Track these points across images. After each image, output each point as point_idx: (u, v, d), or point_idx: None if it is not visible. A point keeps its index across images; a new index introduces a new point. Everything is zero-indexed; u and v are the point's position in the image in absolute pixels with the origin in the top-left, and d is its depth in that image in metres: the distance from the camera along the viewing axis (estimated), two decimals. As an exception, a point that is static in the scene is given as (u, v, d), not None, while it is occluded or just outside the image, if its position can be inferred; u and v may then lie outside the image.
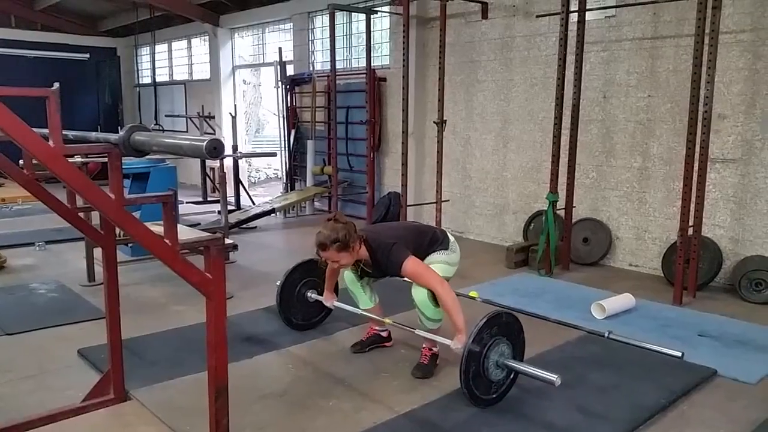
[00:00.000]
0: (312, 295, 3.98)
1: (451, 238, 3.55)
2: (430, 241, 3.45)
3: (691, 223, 4.75)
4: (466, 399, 2.94)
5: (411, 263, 3.22)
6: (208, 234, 2.21)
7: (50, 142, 1.86)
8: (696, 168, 4.68)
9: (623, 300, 4.54)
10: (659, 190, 5.60)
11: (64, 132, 1.97)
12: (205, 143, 1.67)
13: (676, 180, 5.27)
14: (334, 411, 3.00)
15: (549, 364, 3.54)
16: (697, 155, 4.65)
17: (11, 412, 2.89)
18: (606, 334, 3.93)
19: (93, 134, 2.21)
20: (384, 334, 3.76)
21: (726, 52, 4.98)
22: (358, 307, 3.68)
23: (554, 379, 2.83)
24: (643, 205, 5.73)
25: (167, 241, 2.05)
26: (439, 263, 3.38)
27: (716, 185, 5.19)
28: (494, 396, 3.03)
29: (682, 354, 3.61)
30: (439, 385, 3.27)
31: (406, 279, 3.35)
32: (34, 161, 2.65)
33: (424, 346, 3.46)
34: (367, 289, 3.62)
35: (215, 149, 1.68)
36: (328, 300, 3.88)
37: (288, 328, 4.16)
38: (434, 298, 3.23)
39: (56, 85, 1.88)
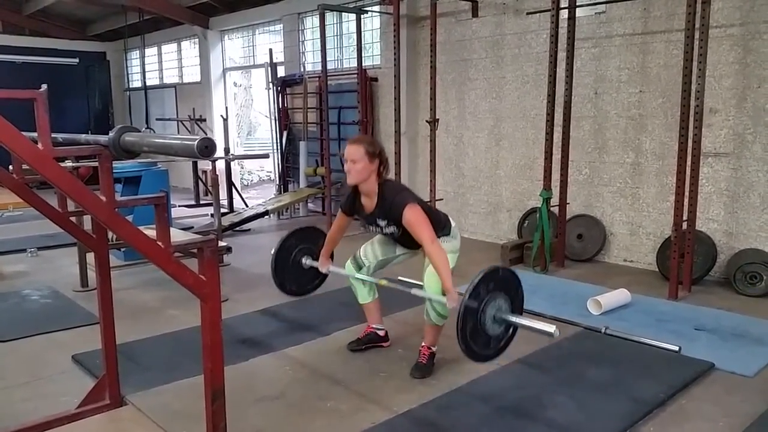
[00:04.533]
0: (307, 261, 3.82)
1: (453, 223, 3.51)
2: (436, 219, 3.39)
3: (685, 218, 4.76)
4: (465, 354, 2.86)
5: (415, 209, 3.16)
6: (201, 236, 2.18)
7: (39, 145, 1.83)
8: (689, 162, 4.69)
9: (619, 295, 4.54)
10: (652, 186, 5.61)
11: (54, 135, 1.95)
12: (196, 143, 1.65)
13: (669, 175, 5.28)
14: (332, 412, 2.98)
15: (546, 360, 3.56)
16: (689, 150, 4.66)
17: (5, 420, 2.86)
18: (603, 330, 3.96)
19: (83, 136, 2.19)
20: (381, 333, 3.74)
21: (716, 47, 4.99)
22: (357, 301, 3.67)
23: (552, 330, 2.78)
24: (637, 200, 5.73)
25: (160, 243, 2.02)
26: (454, 254, 3.38)
27: (709, 179, 5.20)
28: (493, 351, 2.96)
29: (680, 348, 3.64)
30: (437, 385, 3.26)
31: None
32: (24, 166, 2.63)
33: (423, 344, 3.43)
34: (367, 283, 3.61)
35: (206, 148, 1.66)
36: (324, 265, 3.72)
37: (284, 327, 4.14)
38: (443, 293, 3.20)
39: (44, 86, 1.85)
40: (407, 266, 3.81)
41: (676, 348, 3.64)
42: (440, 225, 3.39)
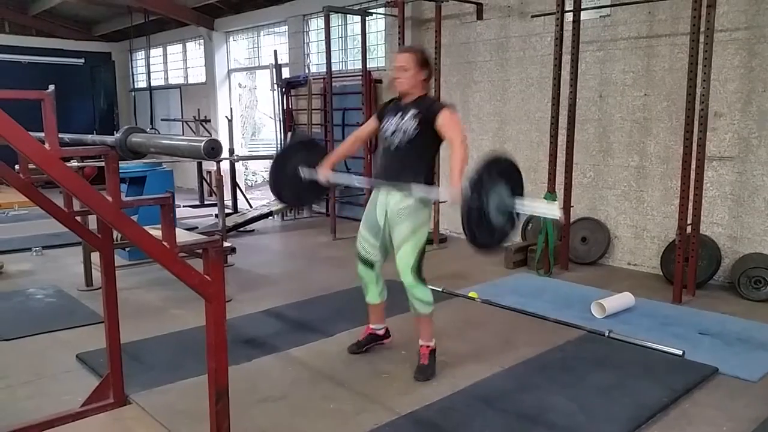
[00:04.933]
0: (305, 172, 3.55)
1: (438, 184, 3.47)
2: (432, 178, 3.39)
3: (689, 222, 4.75)
4: (470, 244, 2.89)
5: (455, 114, 3.24)
6: (206, 237, 2.19)
7: (46, 145, 1.85)
8: (693, 166, 4.68)
9: (623, 299, 4.53)
10: (657, 189, 5.60)
11: (60, 135, 1.96)
12: (203, 144, 1.66)
13: (674, 178, 5.27)
14: (335, 413, 2.98)
15: (549, 363, 3.56)
16: (694, 153, 4.65)
17: (9, 418, 2.87)
18: (606, 333, 3.95)
19: (89, 137, 2.20)
20: (381, 332, 3.74)
21: (721, 50, 4.99)
22: (365, 300, 3.64)
23: (555, 209, 2.83)
24: (641, 203, 5.73)
25: (165, 243, 2.03)
26: (411, 235, 3.30)
27: (714, 183, 5.19)
28: (498, 240, 2.98)
29: (683, 352, 3.63)
30: (439, 386, 3.25)
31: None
32: (31, 165, 2.64)
33: (420, 343, 3.42)
34: (380, 282, 3.57)
35: (213, 149, 1.67)
36: (323, 173, 3.47)
37: (287, 328, 4.15)
38: (417, 275, 3.27)
39: (51, 87, 1.87)
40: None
41: (680, 352, 3.64)
42: (430, 181, 3.36)
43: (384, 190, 3.41)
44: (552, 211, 2.76)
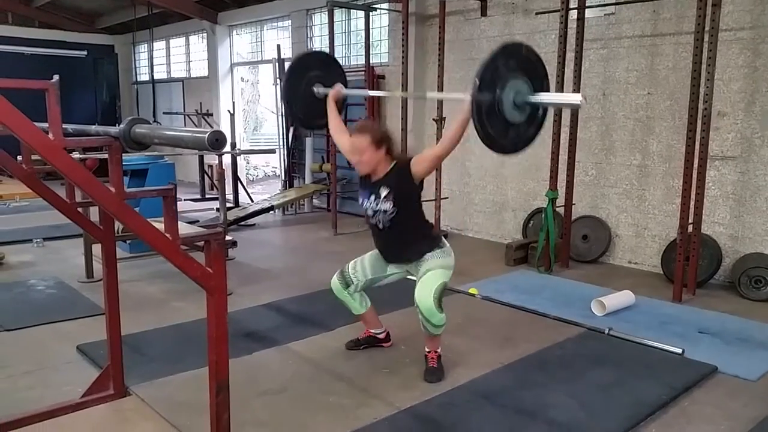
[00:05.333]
0: (319, 89, 3.73)
1: (447, 244, 3.40)
2: (430, 223, 3.40)
3: (690, 221, 4.75)
4: (482, 139, 2.68)
5: (419, 154, 3.21)
6: (209, 229, 2.19)
7: (50, 135, 1.85)
8: (696, 165, 4.67)
9: (623, 297, 4.54)
10: (659, 188, 5.60)
11: (64, 126, 1.96)
12: (207, 135, 1.66)
13: (676, 177, 5.27)
14: (335, 407, 2.99)
15: (549, 360, 3.57)
16: (696, 152, 4.65)
17: (10, 408, 2.87)
18: (606, 331, 3.95)
19: (93, 127, 2.20)
20: (381, 336, 3.71)
21: (725, 50, 4.98)
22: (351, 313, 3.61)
23: (577, 97, 2.63)
24: (643, 202, 5.72)
25: (168, 235, 2.03)
26: (439, 268, 3.24)
27: (716, 182, 5.19)
28: (512, 140, 2.80)
29: (683, 350, 3.63)
30: (439, 382, 3.26)
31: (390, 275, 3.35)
32: (34, 156, 2.64)
33: (427, 350, 3.38)
34: (356, 296, 3.52)
35: (217, 141, 1.67)
36: (336, 88, 3.66)
37: (288, 322, 4.16)
38: (439, 303, 3.15)
39: (56, 77, 1.87)
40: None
41: (680, 350, 3.64)
42: (436, 237, 3.36)
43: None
44: (573, 99, 2.62)
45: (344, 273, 3.50)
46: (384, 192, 3.20)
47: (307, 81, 3.75)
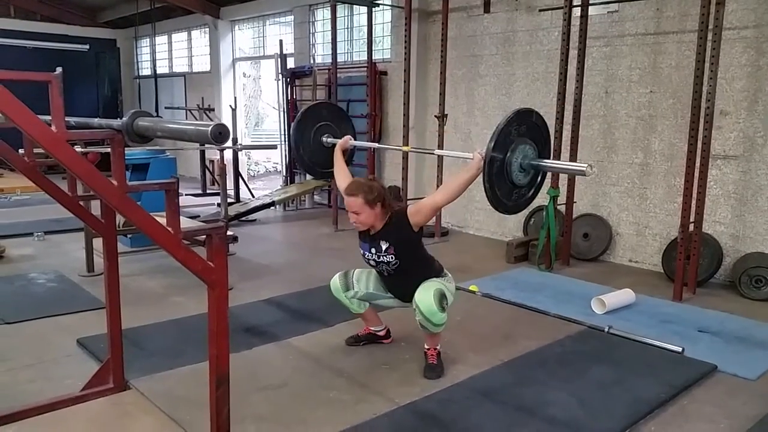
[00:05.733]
0: (328, 139, 3.98)
1: (446, 271, 3.45)
2: (432, 259, 3.41)
3: (691, 220, 4.75)
4: (489, 199, 2.89)
5: (412, 206, 3.24)
6: (210, 223, 2.19)
7: (53, 127, 1.84)
8: (697, 164, 4.67)
9: (623, 295, 4.54)
10: (660, 186, 5.59)
11: (66, 119, 1.95)
12: (210, 128, 1.66)
13: (677, 176, 5.26)
14: (335, 402, 2.99)
15: (549, 358, 3.57)
16: (698, 151, 4.64)
17: (10, 400, 2.88)
18: (606, 329, 3.96)
19: (95, 120, 2.20)
20: (381, 333, 3.71)
21: (729, 48, 4.96)
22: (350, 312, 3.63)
23: (585, 168, 2.76)
24: (644, 201, 5.72)
25: (170, 229, 2.03)
26: (440, 285, 3.25)
27: (717, 182, 5.19)
28: (514, 201, 2.99)
29: (683, 349, 3.63)
30: (439, 378, 3.26)
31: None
32: (36, 149, 2.64)
33: (427, 347, 3.38)
34: (354, 301, 3.53)
35: (220, 134, 1.67)
36: (345, 138, 3.81)
37: (288, 317, 4.16)
38: (440, 303, 3.16)
39: (59, 69, 1.86)
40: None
41: (680, 349, 3.64)
42: (437, 269, 3.37)
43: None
44: (579, 167, 2.70)
45: (348, 276, 3.51)
46: (384, 245, 3.23)
47: (316, 130, 3.94)
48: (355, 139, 3.95)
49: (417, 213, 3.19)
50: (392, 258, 3.23)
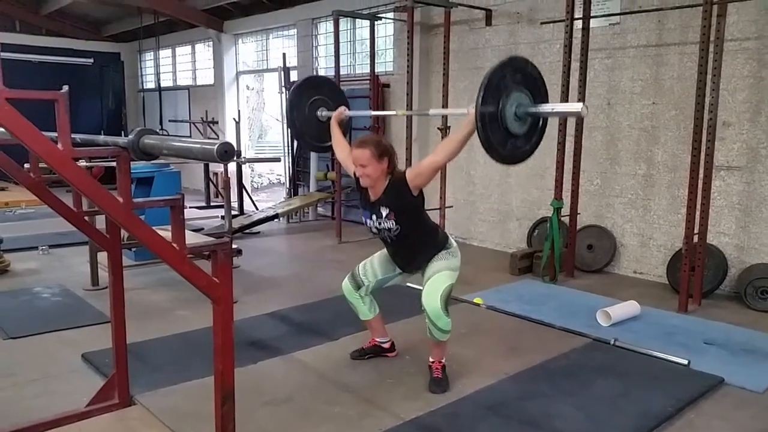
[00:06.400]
0: (323, 113, 3.92)
1: (454, 243, 3.44)
2: (435, 226, 3.41)
3: (696, 231, 4.74)
4: (482, 142, 2.74)
5: (412, 167, 3.22)
6: (216, 239, 2.20)
7: (59, 145, 1.86)
8: (701, 175, 4.67)
9: (628, 307, 4.52)
10: (664, 198, 5.59)
11: (72, 135, 1.97)
12: (216, 147, 1.67)
13: (681, 187, 5.26)
14: (340, 417, 2.98)
15: (555, 371, 3.55)
16: (702, 163, 4.64)
17: (15, 417, 2.88)
18: (612, 342, 3.94)
19: (101, 138, 2.21)
20: (386, 345, 3.71)
21: (731, 60, 4.98)
22: (358, 317, 3.63)
23: (578, 106, 2.68)
24: (648, 212, 5.72)
25: (175, 245, 2.04)
26: (446, 270, 3.28)
27: (721, 193, 5.18)
28: (509, 152, 2.85)
29: (689, 361, 3.62)
30: (444, 393, 3.25)
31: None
32: (41, 164, 2.65)
33: (431, 360, 3.38)
34: (366, 300, 3.54)
35: (226, 153, 1.68)
36: (339, 110, 3.80)
37: (292, 331, 4.15)
38: (446, 305, 3.17)
39: (65, 88, 1.88)
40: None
41: (686, 361, 3.62)
42: (443, 239, 3.37)
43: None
44: (574, 107, 2.63)
45: (355, 275, 3.53)
46: (384, 211, 3.22)
47: (310, 104, 3.88)
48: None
49: (417, 176, 3.16)
50: (393, 224, 3.20)
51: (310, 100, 3.93)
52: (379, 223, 3.25)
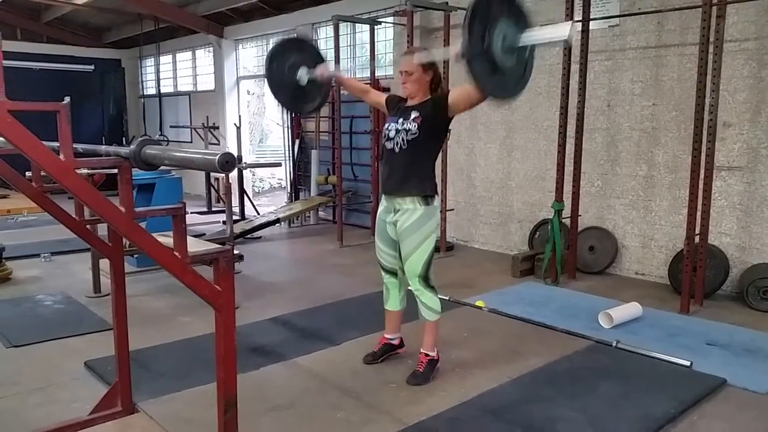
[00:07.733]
0: (302, 74, 3.57)
1: (438, 198, 3.41)
2: (434, 176, 3.38)
3: (697, 231, 4.74)
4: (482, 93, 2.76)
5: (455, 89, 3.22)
6: (217, 246, 2.20)
7: (61, 156, 1.87)
8: (702, 176, 4.67)
9: (630, 309, 4.52)
10: (665, 199, 5.59)
11: (74, 145, 1.98)
12: (217, 158, 1.68)
13: (682, 188, 5.26)
14: (343, 423, 2.99)
15: (557, 373, 3.55)
16: (702, 163, 4.64)
17: (19, 425, 2.89)
18: (614, 344, 3.94)
19: (103, 148, 2.22)
20: (395, 342, 3.74)
21: (731, 61, 4.98)
22: (385, 307, 3.67)
23: (565, 29, 2.52)
24: (649, 213, 5.71)
25: (177, 253, 2.05)
26: (423, 240, 3.30)
27: (722, 193, 5.18)
28: (507, 83, 2.77)
29: (691, 363, 3.61)
30: (446, 397, 3.25)
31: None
32: (43, 173, 2.67)
33: (421, 351, 3.43)
34: (402, 290, 3.61)
35: (227, 163, 1.69)
36: (321, 69, 3.57)
37: (294, 336, 4.16)
38: (426, 282, 3.31)
39: (67, 99, 1.89)
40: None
41: (688, 363, 3.62)
42: (433, 188, 3.35)
43: (390, 204, 3.42)
44: (561, 31, 2.49)
45: (383, 266, 3.58)
46: (414, 114, 3.28)
47: (289, 68, 3.59)
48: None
49: (456, 93, 3.16)
50: (415, 127, 3.24)
51: (287, 65, 3.62)
52: (401, 124, 3.29)
